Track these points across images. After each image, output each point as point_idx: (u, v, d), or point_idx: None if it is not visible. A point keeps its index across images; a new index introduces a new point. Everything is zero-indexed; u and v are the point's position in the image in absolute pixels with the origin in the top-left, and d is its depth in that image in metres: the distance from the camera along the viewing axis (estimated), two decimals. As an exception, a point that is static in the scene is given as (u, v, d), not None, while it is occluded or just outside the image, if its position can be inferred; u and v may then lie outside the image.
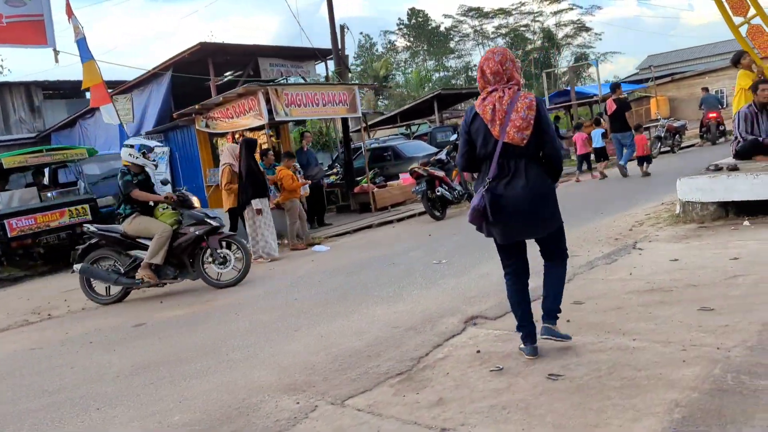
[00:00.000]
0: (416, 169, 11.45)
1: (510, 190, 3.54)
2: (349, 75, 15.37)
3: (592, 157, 15.12)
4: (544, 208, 3.59)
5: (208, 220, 7.64)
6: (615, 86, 14.17)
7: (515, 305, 3.78)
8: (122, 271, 7.63)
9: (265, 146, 11.22)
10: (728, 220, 6.93)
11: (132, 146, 7.71)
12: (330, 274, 7.54)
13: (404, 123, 30.22)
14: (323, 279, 7.31)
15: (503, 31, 74.22)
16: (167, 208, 7.69)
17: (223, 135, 12.29)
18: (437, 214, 11.24)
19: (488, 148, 3.57)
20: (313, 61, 18.58)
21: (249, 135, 11.34)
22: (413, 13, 78.07)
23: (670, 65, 53.61)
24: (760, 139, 7.69)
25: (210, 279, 7.69)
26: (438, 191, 11.11)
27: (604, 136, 14.59)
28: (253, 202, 9.45)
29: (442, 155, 12.68)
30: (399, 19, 79.01)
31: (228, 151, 10.26)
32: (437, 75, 76.63)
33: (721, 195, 6.94)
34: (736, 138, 8.07)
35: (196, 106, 11.88)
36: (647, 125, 19.61)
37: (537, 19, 73.10)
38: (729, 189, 6.87)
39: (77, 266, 7.61)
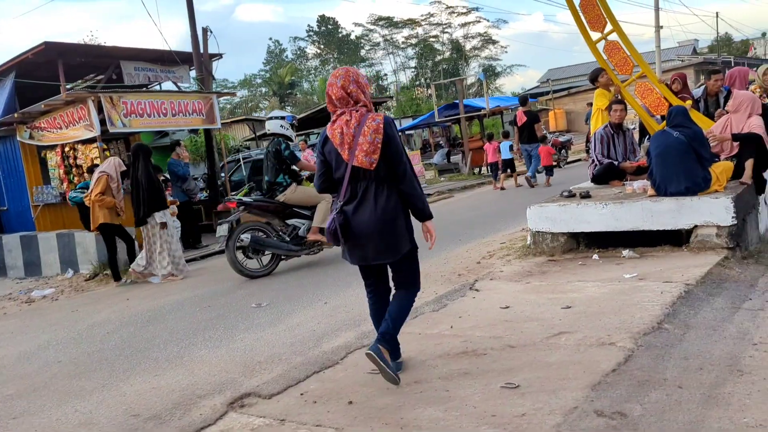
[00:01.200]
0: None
1: (359, 213, 3.49)
2: (213, 82, 14.11)
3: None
4: (391, 233, 3.51)
5: None
6: (524, 99, 15.08)
7: (376, 322, 3.76)
8: (287, 239, 7.84)
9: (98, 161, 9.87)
10: (579, 253, 6.35)
11: (283, 117, 8.06)
12: (123, 323, 6.34)
13: (304, 132, 29.22)
14: (112, 330, 6.11)
15: (413, 41, 74.59)
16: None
17: (52, 148, 10.84)
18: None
19: (341, 171, 3.52)
20: (189, 66, 17.23)
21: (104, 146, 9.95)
22: (323, 20, 77.18)
23: (569, 79, 55.35)
24: (616, 162, 7.21)
25: None
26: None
27: (511, 148, 14.67)
28: (156, 215, 8.53)
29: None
30: (308, 25, 77.82)
31: (112, 163, 8.94)
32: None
33: (571, 225, 6.36)
34: (593, 161, 7.58)
35: (15, 115, 10.39)
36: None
37: (446, 30, 73.88)
38: (578, 219, 6.29)
39: (245, 236, 7.59)
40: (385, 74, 77.23)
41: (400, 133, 8.20)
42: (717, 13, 49.76)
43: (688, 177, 5.84)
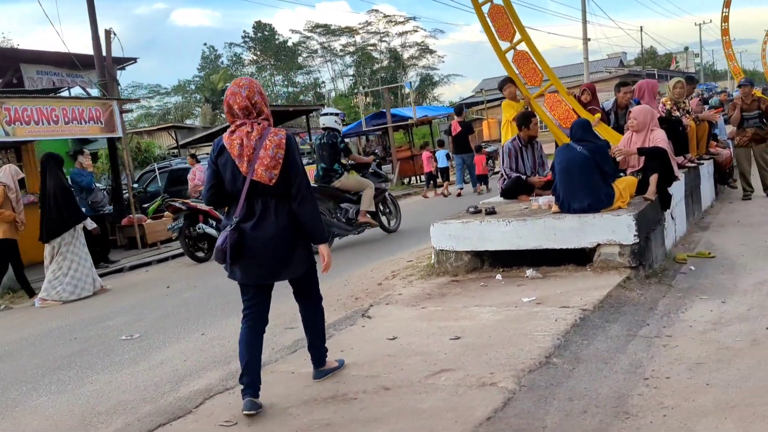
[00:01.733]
0: (173, 202, 9.80)
1: (257, 230, 3.36)
2: (118, 88, 13.30)
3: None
4: (291, 250, 3.44)
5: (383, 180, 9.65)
6: (459, 109, 15.36)
7: (244, 350, 3.48)
8: (343, 220, 8.78)
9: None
10: (483, 273, 6.02)
11: (337, 114, 9.20)
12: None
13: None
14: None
15: (351, 49, 74.48)
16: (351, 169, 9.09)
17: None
18: (200, 255, 9.64)
19: (236, 184, 3.36)
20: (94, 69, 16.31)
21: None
22: (259, 26, 76.09)
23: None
24: (524, 177, 6.95)
25: (384, 226, 9.71)
26: (200, 228, 9.52)
27: (448, 157, 14.86)
28: (86, 223, 8.11)
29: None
30: (244, 31, 76.55)
31: (8, 171, 8.15)
32: (285, 90, 75.07)
33: (474, 243, 6.03)
34: (501, 175, 7.31)
35: None
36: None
37: (384, 39, 74.08)
38: (482, 237, 5.96)
39: None
40: (323, 82, 76.84)
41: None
42: (641, 27, 51.50)
43: (590, 193, 5.60)
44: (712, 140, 9.87)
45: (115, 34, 12.22)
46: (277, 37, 77.17)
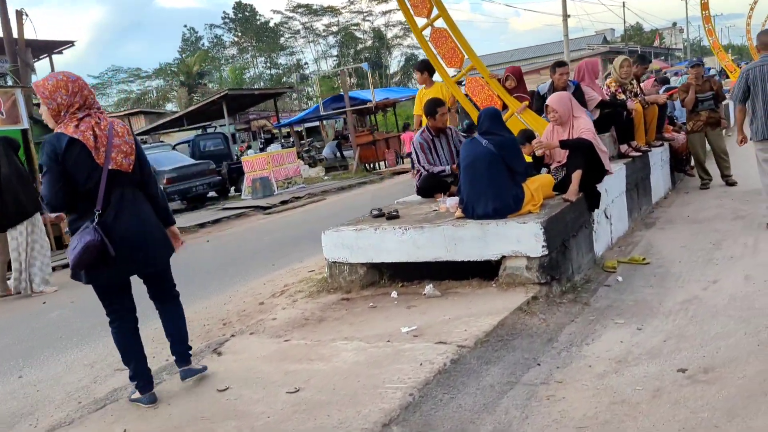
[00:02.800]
0: None
1: (122, 222, 3.28)
2: (32, 75, 12.29)
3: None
4: (159, 238, 3.46)
5: None
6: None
7: (129, 351, 3.47)
8: None
9: None
10: (380, 288, 5.20)
11: None
12: None
13: (197, 125, 27.23)
14: None
15: (334, 29, 73.22)
16: None
17: None
18: None
19: (92, 178, 3.22)
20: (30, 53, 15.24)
21: None
22: (239, 7, 74.55)
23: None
24: (436, 170, 6.11)
25: None
26: None
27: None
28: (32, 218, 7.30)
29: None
30: (224, 12, 74.92)
31: None
32: (268, 72, 73.63)
33: (370, 254, 5.20)
34: (417, 171, 6.46)
35: None
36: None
37: (367, 18, 72.85)
38: (377, 247, 5.14)
39: None
40: (306, 63, 75.49)
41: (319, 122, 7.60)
42: (624, 2, 50.36)
43: (496, 196, 4.77)
44: (668, 124, 9.05)
45: (27, 15, 11.17)
46: (258, 17, 75.79)
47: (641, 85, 8.70)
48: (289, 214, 12.11)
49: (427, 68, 6.68)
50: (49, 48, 16.37)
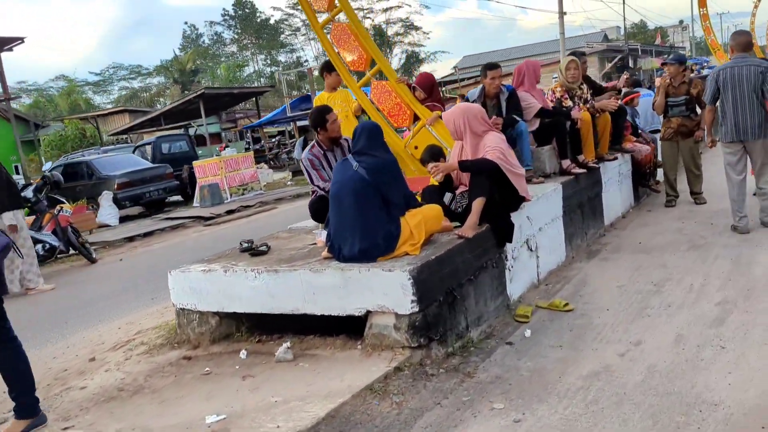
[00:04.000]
0: None
1: None
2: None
3: None
4: None
5: None
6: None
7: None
8: None
9: None
10: (233, 343, 4.24)
11: None
12: None
13: (177, 125, 26.29)
14: None
15: (334, 25, 72.33)
16: None
17: None
18: None
19: None
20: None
21: None
22: (239, 3, 73.84)
23: (475, 67, 53.96)
24: (321, 186, 5.12)
25: None
26: None
27: None
28: (3, 216, 7.05)
29: (29, 192, 9.09)
30: (224, 9, 74.12)
31: None
32: (268, 70, 72.68)
33: (221, 302, 4.24)
34: (313, 191, 5.48)
35: None
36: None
37: (368, 15, 72.19)
38: (228, 293, 4.18)
39: None
40: (306, 60, 74.62)
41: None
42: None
43: (364, 233, 3.80)
44: (630, 134, 8.05)
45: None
46: (258, 14, 75.14)
47: (610, 86, 7.71)
48: (228, 227, 11.16)
49: (333, 68, 5.69)
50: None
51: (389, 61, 63.39)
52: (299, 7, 68.97)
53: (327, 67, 5.64)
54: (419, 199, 4.63)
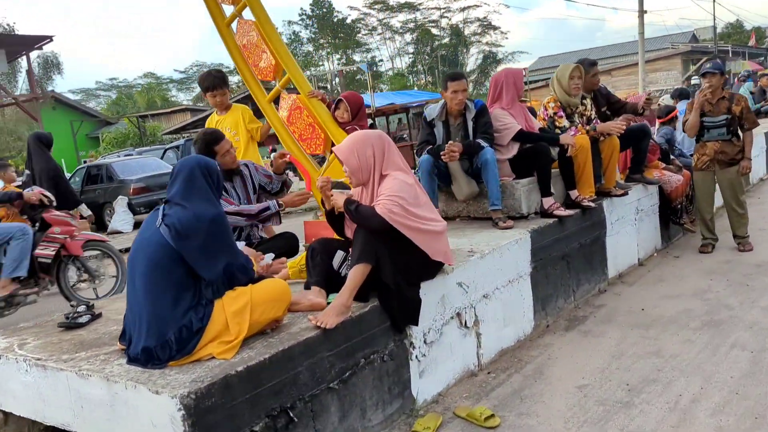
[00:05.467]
0: None
1: None
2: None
3: None
4: None
5: None
6: None
7: None
8: None
9: None
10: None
11: None
12: None
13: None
14: None
15: (410, 26, 72.08)
16: None
17: None
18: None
19: None
20: (3, 49, 14.19)
21: None
22: (317, 3, 74.37)
23: (553, 69, 51.50)
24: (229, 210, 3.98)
25: None
26: None
27: None
28: (81, 209, 7.07)
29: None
30: (301, 9, 74.71)
31: None
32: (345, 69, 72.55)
33: None
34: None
35: None
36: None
37: (445, 15, 71.29)
38: (2, 387, 3.10)
39: None
40: (381, 60, 74.16)
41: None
42: (714, -3, 45.30)
43: (153, 323, 2.63)
44: (658, 159, 6.49)
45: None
46: (335, 14, 75.46)
47: (633, 102, 6.19)
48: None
49: (217, 84, 4.49)
50: (26, 44, 15.26)
51: (466, 61, 61.65)
52: (376, 6, 68.71)
53: (209, 83, 4.44)
54: (305, 255, 3.43)
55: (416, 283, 3.33)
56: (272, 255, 3.35)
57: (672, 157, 6.74)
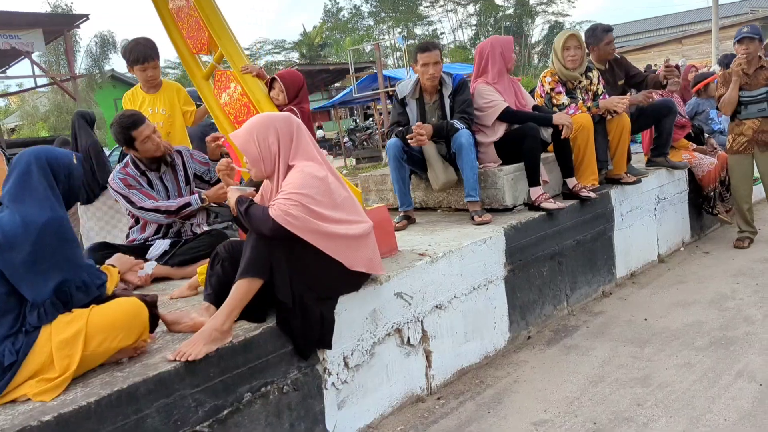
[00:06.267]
0: None
1: None
2: None
3: None
4: None
5: None
6: None
7: None
8: None
9: None
10: None
11: None
12: None
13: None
14: None
15: (474, -4, 70.30)
16: None
17: None
18: None
19: None
20: (40, 28, 14.27)
21: None
22: (377, -24, 73.40)
23: (624, 37, 48.93)
24: (149, 207, 3.55)
25: None
26: None
27: None
28: None
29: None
30: (362, -19, 73.88)
31: None
32: (407, 43, 71.78)
33: None
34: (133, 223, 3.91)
35: None
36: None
37: (510, -17, 69.05)
38: None
39: None
40: (442, 33, 72.74)
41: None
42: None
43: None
44: (685, 138, 5.65)
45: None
46: (397, -14, 74.35)
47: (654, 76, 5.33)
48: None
49: (149, 55, 3.93)
50: (63, 23, 15.32)
51: (531, 32, 59.76)
52: (437, -20, 67.13)
53: (138, 53, 3.89)
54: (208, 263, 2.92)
55: (330, 297, 2.77)
56: (154, 264, 2.86)
57: (707, 135, 5.86)
